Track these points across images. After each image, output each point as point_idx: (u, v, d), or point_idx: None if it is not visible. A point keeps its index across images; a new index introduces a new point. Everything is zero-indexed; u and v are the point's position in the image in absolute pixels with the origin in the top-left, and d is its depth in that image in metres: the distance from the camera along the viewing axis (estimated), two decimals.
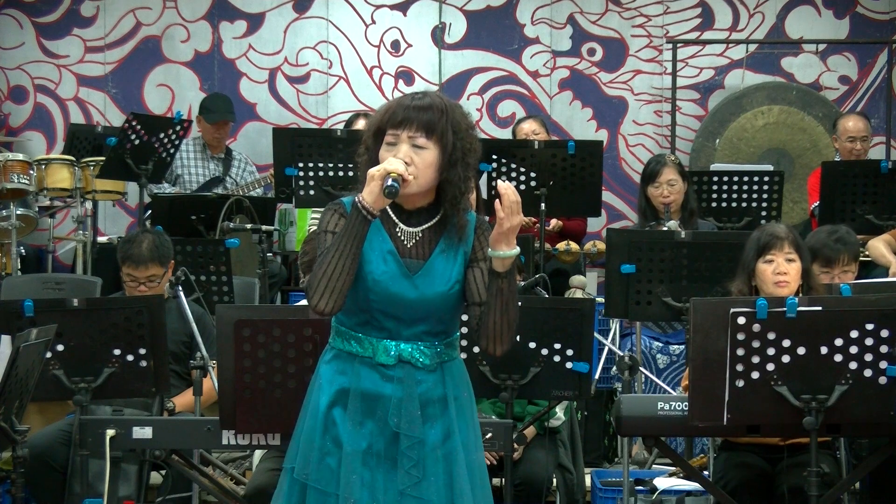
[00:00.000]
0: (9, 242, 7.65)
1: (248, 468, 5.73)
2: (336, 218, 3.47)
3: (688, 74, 9.33)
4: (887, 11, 9.36)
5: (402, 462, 3.42)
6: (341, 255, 3.36)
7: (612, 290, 5.77)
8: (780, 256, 4.85)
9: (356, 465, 3.41)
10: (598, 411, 6.74)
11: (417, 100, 3.46)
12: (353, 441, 3.42)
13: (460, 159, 3.45)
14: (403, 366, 3.46)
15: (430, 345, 3.48)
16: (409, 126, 3.42)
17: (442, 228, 3.50)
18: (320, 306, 3.38)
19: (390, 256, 3.45)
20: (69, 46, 9.34)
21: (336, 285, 3.37)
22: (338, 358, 3.50)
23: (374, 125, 3.48)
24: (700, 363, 4.22)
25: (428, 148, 3.42)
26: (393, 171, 3.35)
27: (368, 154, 3.49)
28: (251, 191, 8.13)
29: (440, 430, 3.47)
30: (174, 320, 5.44)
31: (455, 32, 9.38)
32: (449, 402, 3.49)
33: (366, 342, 3.47)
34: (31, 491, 5.19)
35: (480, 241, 3.52)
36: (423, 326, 3.47)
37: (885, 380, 4.20)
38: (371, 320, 3.46)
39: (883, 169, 6.85)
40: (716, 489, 4.74)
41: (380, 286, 3.43)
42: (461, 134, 3.46)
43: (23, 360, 4.24)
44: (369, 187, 3.35)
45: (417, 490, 3.42)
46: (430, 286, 3.45)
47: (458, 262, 3.49)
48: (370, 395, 3.45)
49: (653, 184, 6.85)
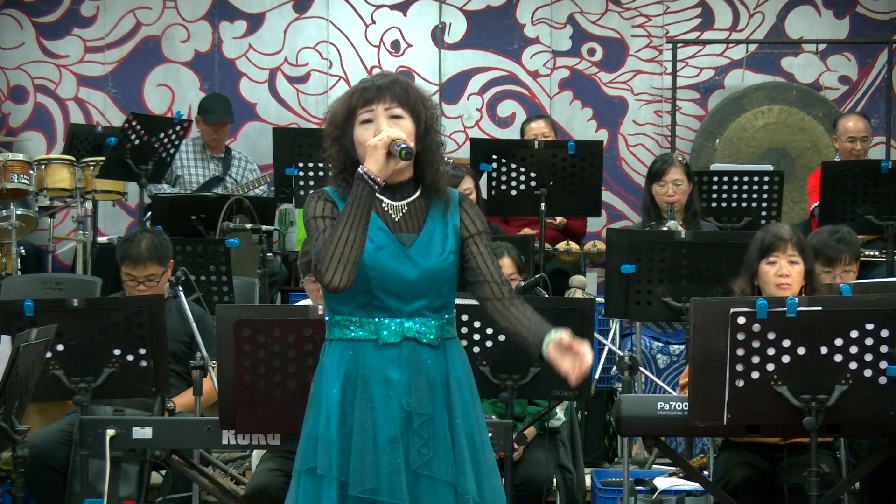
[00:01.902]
0: (9, 242, 7.66)
1: (247, 468, 5.73)
2: (322, 203, 3.47)
3: (688, 74, 9.33)
4: (887, 11, 9.36)
5: (412, 440, 3.41)
6: (352, 226, 3.35)
7: (612, 290, 5.77)
8: (783, 258, 4.85)
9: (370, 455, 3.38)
10: (598, 411, 6.74)
11: (381, 78, 3.50)
12: (363, 429, 3.39)
13: (432, 127, 3.50)
14: (409, 343, 3.45)
15: (431, 319, 3.47)
16: (382, 99, 3.44)
17: (426, 200, 3.51)
18: (335, 281, 3.36)
19: (381, 233, 3.45)
20: (69, 46, 9.34)
21: (349, 258, 3.35)
22: (339, 348, 3.47)
23: (341, 112, 3.49)
24: (700, 363, 4.22)
25: (404, 117, 3.45)
26: (397, 137, 3.38)
27: (341, 143, 3.50)
28: (251, 190, 8.13)
29: (444, 411, 3.46)
30: (174, 320, 5.44)
31: (455, 32, 9.38)
32: (451, 384, 3.49)
33: (367, 324, 3.45)
34: (31, 491, 5.19)
35: (469, 214, 3.55)
36: (424, 301, 3.46)
37: (885, 380, 4.21)
38: (371, 300, 3.44)
39: (883, 169, 6.84)
40: (716, 489, 4.74)
41: (377, 262, 3.42)
42: (427, 104, 3.51)
43: (23, 360, 4.24)
44: (373, 157, 3.37)
45: (429, 468, 3.41)
46: (425, 257, 3.46)
47: (450, 233, 3.51)
48: (378, 379, 3.43)
49: (658, 182, 6.85)
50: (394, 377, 3.44)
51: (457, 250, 3.51)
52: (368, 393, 3.43)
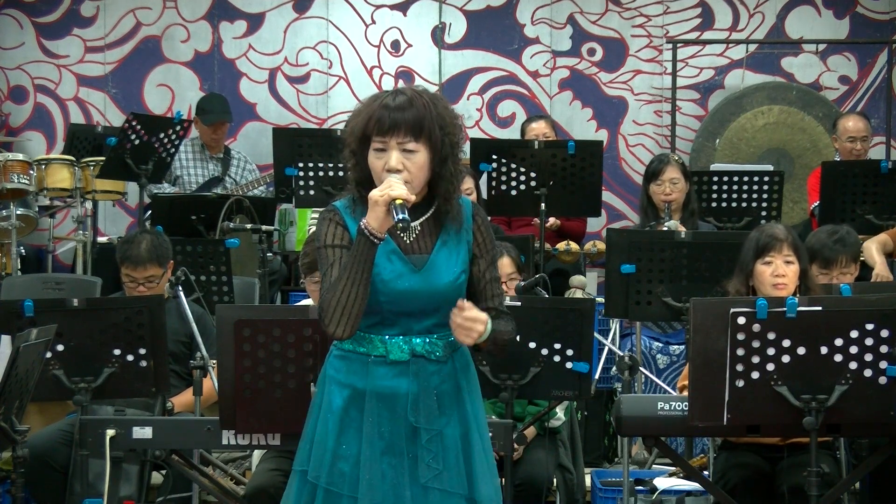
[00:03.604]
0: (9, 242, 7.66)
1: (247, 468, 5.73)
2: (332, 228, 3.46)
3: (688, 74, 9.33)
4: (887, 11, 9.36)
5: (422, 455, 3.43)
6: (353, 282, 3.36)
7: (612, 290, 5.77)
8: (778, 258, 4.84)
9: (377, 467, 3.41)
10: (598, 411, 6.75)
11: (399, 100, 3.41)
12: (371, 443, 3.42)
13: (450, 154, 3.44)
14: (417, 360, 3.46)
15: (441, 336, 3.48)
16: (396, 132, 3.38)
17: (438, 220, 3.50)
18: (338, 333, 3.39)
19: (394, 255, 3.45)
20: (69, 46, 9.34)
21: (352, 312, 3.37)
22: (347, 359, 3.49)
23: (358, 132, 3.44)
24: (700, 363, 4.22)
25: (418, 151, 3.40)
26: (397, 197, 3.33)
27: (356, 159, 3.47)
28: (251, 190, 8.13)
29: (456, 421, 3.47)
30: (174, 320, 5.44)
31: (455, 32, 9.38)
32: (462, 392, 3.50)
33: (377, 342, 3.47)
34: (31, 491, 5.18)
35: (482, 231, 3.54)
36: (434, 319, 3.47)
37: (885, 380, 4.20)
38: (383, 321, 3.46)
39: (883, 169, 6.85)
40: (716, 489, 4.74)
41: (389, 286, 3.43)
42: (447, 128, 3.43)
43: (23, 360, 4.24)
44: (374, 212, 3.34)
45: (439, 481, 3.42)
46: (437, 278, 3.46)
47: (462, 251, 3.50)
48: (386, 394, 3.45)
49: (655, 181, 6.86)
50: (401, 393, 3.45)
51: (467, 266, 3.52)
52: (376, 407, 3.44)
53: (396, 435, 3.44)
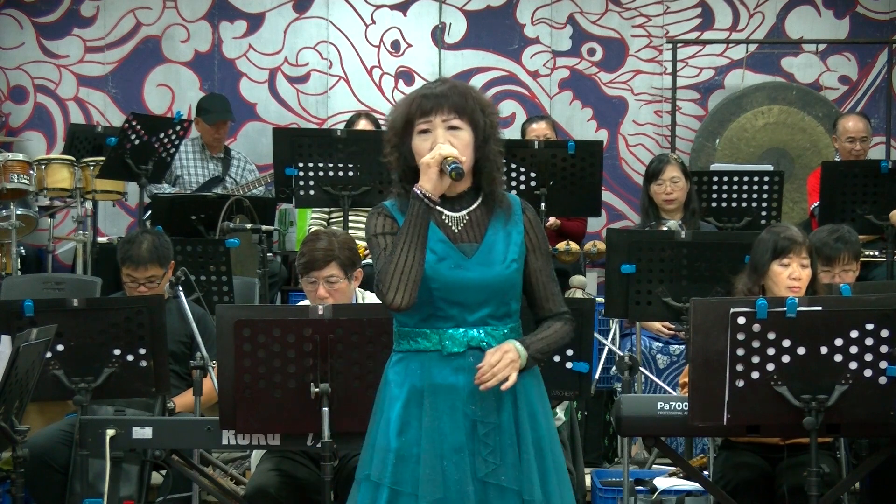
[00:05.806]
0: (9, 242, 7.66)
1: (247, 468, 5.73)
2: (381, 220, 3.49)
3: (688, 74, 9.34)
4: (887, 11, 9.36)
5: (479, 449, 3.42)
6: (410, 246, 3.37)
7: (612, 290, 5.77)
8: (795, 261, 4.87)
9: (438, 464, 3.40)
10: (598, 411, 6.75)
11: (439, 86, 3.49)
12: (432, 439, 3.41)
13: (492, 135, 3.50)
14: (473, 352, 3.46)
15: (496, 328, 3.48)
16: (440, 111, 3.44)
17: (487, 208, 3.52)
18: (396, 301, 3.38)
19: (442, 244, 3.46)
20: (69, 46, 9.34)
21: (410, 278, 3.37)
22: (405, 359, 3.49)
23: (400, 119, 3.49)
24: (700, 363, 4.22)
25: (462, 128, 3.46)
26: (448, 154, 3.38)
27: (399, 150, 3.50)
28: (251, 190, 8.13)
29: (511, 417, 3.46)
30: (174, 320, 5.44)
31: (455, 32, 9.38)
32: (517, 389, 3.47)
33: (432, 335, 3.46)
34: (31, 491, 5.18)
35: (533, 226, 3.56)
36: (487, 309, 3.47)
37: (885, 380, 4.20)
38: (435, 311, 3.46)
39: (883, 169, 6.84)
40: (716, 489, 4.74)
41: (439, 274, 3.43)
42: (487, 110, 3.51)
43: (23, 360, 4.24)
44: (427, 175, 3.38)
45: (496, 476, 3.42)
46: (488, 266, 3.47)
47: (513, 241, 3.51)
48: (444, 389, 3.45)
49: (656, 181, 6.87)
50: (459, 386, 3.45)
51: (520, 258, 3.52)
52: (434, 403, 3.44)
53: (456, 429, 3.43)
